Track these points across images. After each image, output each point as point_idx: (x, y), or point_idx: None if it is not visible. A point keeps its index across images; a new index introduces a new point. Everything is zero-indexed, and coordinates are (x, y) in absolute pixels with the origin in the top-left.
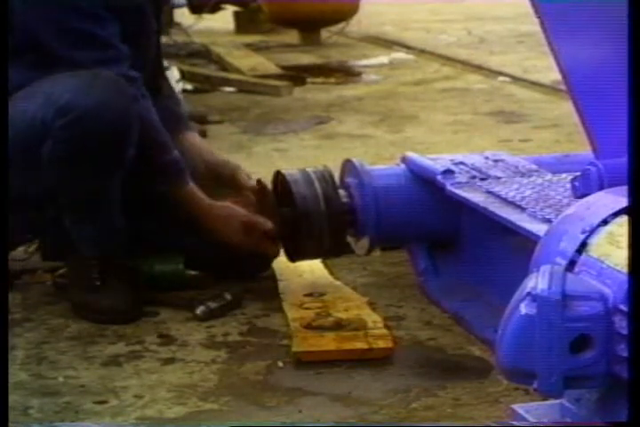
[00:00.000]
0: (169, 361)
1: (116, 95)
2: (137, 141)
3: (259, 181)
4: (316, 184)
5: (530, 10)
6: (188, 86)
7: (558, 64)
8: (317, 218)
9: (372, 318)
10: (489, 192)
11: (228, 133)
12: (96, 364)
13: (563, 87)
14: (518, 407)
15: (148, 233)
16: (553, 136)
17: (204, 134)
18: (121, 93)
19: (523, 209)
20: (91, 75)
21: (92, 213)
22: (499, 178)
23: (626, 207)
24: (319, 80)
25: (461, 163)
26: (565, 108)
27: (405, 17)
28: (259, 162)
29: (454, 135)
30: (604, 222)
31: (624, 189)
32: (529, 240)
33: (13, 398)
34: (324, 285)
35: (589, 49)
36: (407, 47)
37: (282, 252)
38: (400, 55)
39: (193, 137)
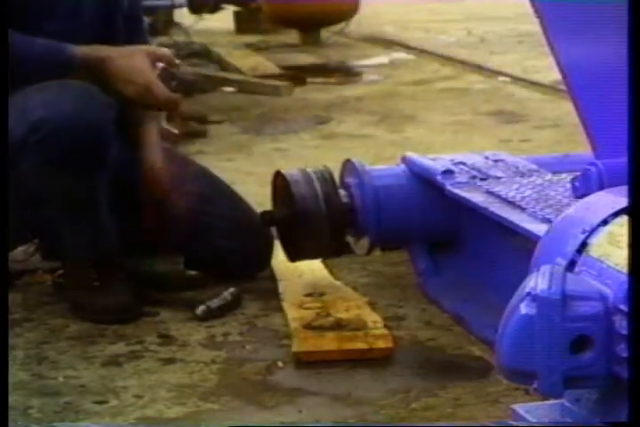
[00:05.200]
0: (169, 361)
1: (86, 106)
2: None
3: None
4: (316, 184)
5: (530, 10)
6: None
7: (558, 64)
8: (317, 218)
9: (372, 318)
10: (489, 192)
11: (228, 133)
12: (96, 364)
13: (563, 87)
14: (518, 407)
15: (147, 233)
16: (553, 136)
17: (204, 134)
18: (92, 102)
19: (523, 209)
20: (60, 86)
21: (81, 218)
22: (499, 178)
23: (626, 207)
24: (319, 80)
25: (461, 163)
26: (565, 108)
27: (405, 17)
28: (259, 162)
29: (454, 135)
30: (604, 222)
31: (624, 189)
32: (529, 240)
33: (13, 398)
34: (324, 285)
35: (589, 49)
36: (407, 47)
37: (281, 252)
38: (400, 55)
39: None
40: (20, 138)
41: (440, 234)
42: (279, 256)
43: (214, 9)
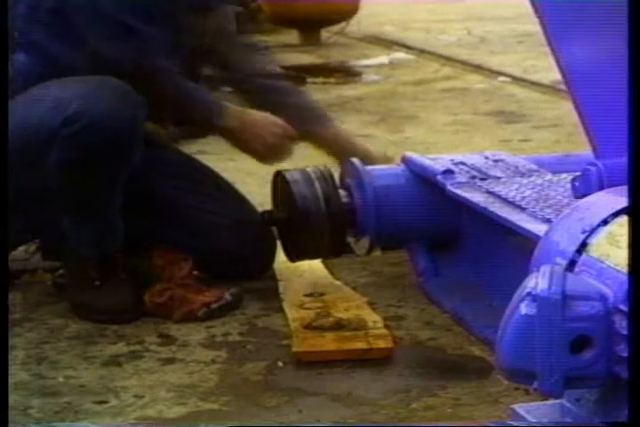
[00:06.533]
0: (169, 361)
1: (123, 104)
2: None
3: None
4: (316, 184)
5: (530, 10)
6: None
7: (558, 64)
8: (317, 218)
9: (372, 318)
10: (489, 192)
11: None
12: (96, 364)
13: (563, 87)
14: (518, 407)
15: (148, 233)
16: (553, 136)
17: (204, 134)
18: (127, 102)
19: (523, 209)
20: (99, 82)
21: (93, 216)
22: (499, 178)
23: (626, 207)
24: (319, 80)
25: (461, 163)
26: (565, 108)
27: (405, 17)
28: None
29: (454, 135)
30: (604, 222)
31: (624, 189)
32: (529, 240)
33: (13, 398)
34: (324, 285)
35: (589, 49)
36: (407, 47)
37: (282, 252)
38: (400, 55)
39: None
40: (52, 129)
41: (440, 234)
42: (280, 256)
43: None
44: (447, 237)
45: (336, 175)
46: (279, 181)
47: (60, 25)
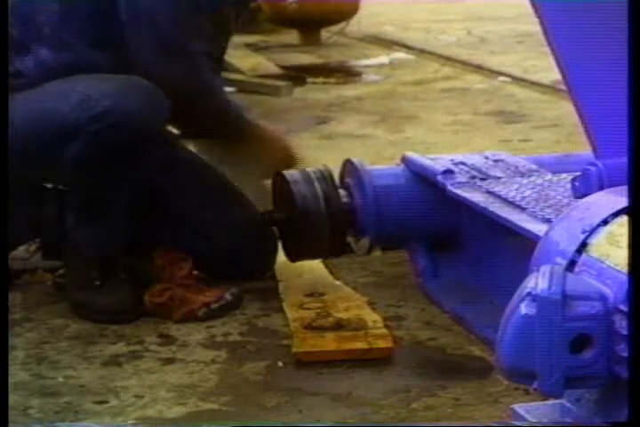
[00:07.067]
0: (169, 361)
1: (151, 105)
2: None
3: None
4: (316, 184)
5: (530, 10)
6: None
7: (558, 64)
8: (317, 218)
9: (372, 318)
10: (489, 192)
11: None
12: (96, 364)
13: (563, 87)
14: (518, 407)
15: (148, 233)
16: (553, 136)
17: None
18: (155, 103)
19: (523, 209)
20: (128, 82)
21: (99, 215)
22: (499, 178)
23: (626, 207)
24: (319, 80)
25: (461, 163)
26: (565, 108)
27: (405, 17)
28: None
29: (454, 135)
30: (604, 222)
31: (624, 189)
32: (529, 240)
33: (13, 398)
34: (324, 285)
35: (589, 49)
36: (407, 47)
37: (282, 252)
38: (400, 55)
39: None
40: (76, 125)
41: (440, 234)
42: (280, 256)
43: None
44: (447, 237)
45: (336, 175)
46: (279, 181)
47: (93, 31)
